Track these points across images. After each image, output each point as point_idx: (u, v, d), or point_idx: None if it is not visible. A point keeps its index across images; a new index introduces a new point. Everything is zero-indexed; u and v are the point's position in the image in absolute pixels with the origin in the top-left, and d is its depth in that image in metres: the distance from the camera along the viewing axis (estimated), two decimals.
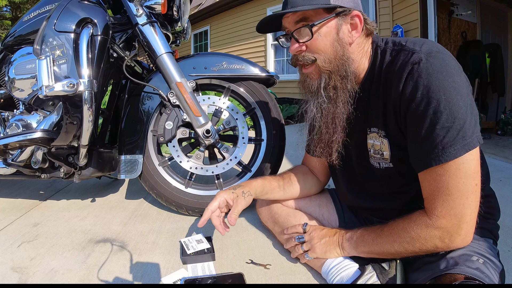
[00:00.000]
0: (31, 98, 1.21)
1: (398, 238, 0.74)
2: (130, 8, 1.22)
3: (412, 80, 0.68)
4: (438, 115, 0.65)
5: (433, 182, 0.69)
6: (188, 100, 1.23)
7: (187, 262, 0.99)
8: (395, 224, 0.77)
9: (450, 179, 0.66)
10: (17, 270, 0.98)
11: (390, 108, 0.76)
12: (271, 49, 6.39)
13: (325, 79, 0.80)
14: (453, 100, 0.65)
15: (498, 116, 4.07)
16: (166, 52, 1.22)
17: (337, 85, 0.79)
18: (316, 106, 0.83)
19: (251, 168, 1.37)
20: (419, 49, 0.70)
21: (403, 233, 0.74)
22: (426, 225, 0.70)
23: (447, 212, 0.67)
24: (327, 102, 0.81)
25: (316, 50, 0.79)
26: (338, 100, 0.80)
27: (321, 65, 0.79)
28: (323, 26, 0.77)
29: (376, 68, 0.80)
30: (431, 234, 0.69)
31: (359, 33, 0.79)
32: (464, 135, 0.65)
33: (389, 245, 0.76)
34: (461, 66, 0.70)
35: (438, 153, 0.66)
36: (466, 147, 0.64)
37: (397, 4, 4.38)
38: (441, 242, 0.69)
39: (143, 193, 1.65)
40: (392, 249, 0.76)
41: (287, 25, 0.82)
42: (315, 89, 0.82)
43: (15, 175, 1.38)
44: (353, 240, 0.85)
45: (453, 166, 0.66)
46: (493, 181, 0.86)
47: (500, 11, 4.53)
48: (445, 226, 0.68)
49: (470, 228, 0.68)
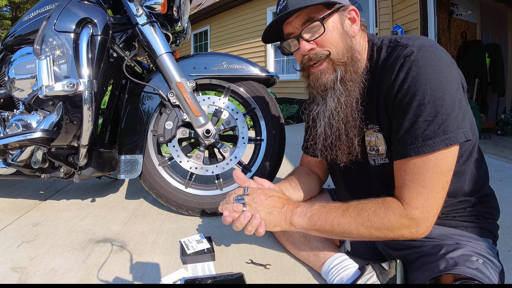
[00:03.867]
0: (31, 98, 1.21)
1: (367, 221, 0.72)
2: (130, 8, 1.22)
3: (402, 72, 0.69)
4: (422, 108, 0.66)
5: (409, 173, 0.70)
6: (188, 100, 1.23)
7: (187, 262, 0.99)
8: (364, 206, 0.74)
9: (427, 172, 0.67)
10: (17, 270, 0.98)
11: (382, 101, 0.76)
12: (271, 49, 6.39)
13: (340, 71, 0.79)
14: (438, 94, 0.65)
15: (498, 116, 4.08)
16: (166, 52, 1.22)
17: (353, 77, 0.79)
18: (335, 101, 0.79)
19: (251, 168, 1.37)
20: (412, 44, 0.71)
21: (374, 218, 0.72)
22: (400, 214, 0.70)
23: (421, 204, 0.68)
24: (345, 95, 0.79)
25: (327, 45, 0.78)
26: (353, 94, 0.79)
27: (335, 58, 0.78)
28: (329, 20, 0.78)
29: (373, 66, 0.80)
30: (403, 223, 0.70)
31: (358, 26, 0.81)
32: (446, 129, 0.65)
33: (354, 227, 0.73)
34: (454, 62, 0.70)
35: (418, 145, 0.67)
36: (446, 141, 0.65)
37: (397, 4, 4.38)
38: (408, 232, 0.70)
39: (143, 193, 1.65)
40: (356, 231, 0.74)
41: (291, 29, 0.82)
42: (331, 83, 0.79)
43: (15, 175, 1.38)
44: (306, 217, 0.79)
45: (432, 160, 0.67)
46: (493, 181, 0.86)
47: (500, 11, 4.54)
48: (417, 217, 0.69)
49: (432, 222, 0.71)
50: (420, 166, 0.68)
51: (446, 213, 0.79)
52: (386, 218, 0.71)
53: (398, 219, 0.70)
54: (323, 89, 0.82)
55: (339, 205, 0.78)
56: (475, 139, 0.78)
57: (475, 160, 0.80)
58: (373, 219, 0.72)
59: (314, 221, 0.78)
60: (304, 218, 0.79)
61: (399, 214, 0.70)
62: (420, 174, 0.68)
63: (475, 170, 0.80)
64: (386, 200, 0.73)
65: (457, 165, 0.77)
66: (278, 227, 0.81)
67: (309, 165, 1.12)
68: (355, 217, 0.74)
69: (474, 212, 0.79)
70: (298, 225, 0.80)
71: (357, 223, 0.73)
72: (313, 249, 0.94)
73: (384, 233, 0.72)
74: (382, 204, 0.73)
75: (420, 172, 0.68)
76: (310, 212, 0.79)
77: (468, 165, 0.78)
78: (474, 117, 0.78)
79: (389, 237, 0.72)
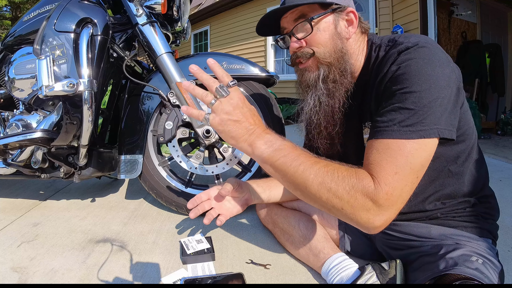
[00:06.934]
0: (31, 98, 1.21)
1: (330, 181, 0.63)
2: (130, 8, 1.22)
3: (395, 64, 0.70)
4: (407, 95, 0.65)
5: (383, 154, 0.64)
6: (188, 100, 1.23)
7: (187, 262, 0.99)
8: (336, 166, 0.66)
9: (401, 158, 0.63)
10: (17, 270, 0.98)
11: (374, 94, 0.77)
12: (271, 49, 6.39)
13: (324, 71, 0.80)
14: (425, 87, 0.65)
15: (498, 116, 4.08)
16: (166, 52, 1.22)
17: (337, 78, 0.80)
18: (314, 99, 0.82)
19: (251, 168, 1.37)
20: (408, 41, 0.71)
21: (340, 181, 0.63)
22: (367, 191, 0.62)
23: (390, 189, 0.61)
24: (326, 95, 0.81)
25: (315, 45, 0.79)
26: (336, 94, 0.81)
27: (320, 57, 0.79)
28: (321, 21, 0.78)
29: (371, 65, 0.80)
30: (364, 202, 0.62)
31: (355, 28, 0.81)
32: (424, 122, 0.64)
33: (316, 183, 0.64)
34: (451, 61, 0.70)
35: (395, 129, 0.64)
36: (421, 133, 0.63)
37: (397, 4, 4.38)
38: (365, 216, 0.62)
39: (143, 193, 1.65)
40: (312, 186, 0.64)
41: (286, 25, 0.83)
42: (313, 81, 0.81)
43: (15, 175, 1.38)
44: (272, 148, 0.68)
45: (407, 147, 0.63)
46: (493, 181, 0.87)
47: (500, 11, 4.53)
48: (381, 203, 0.61)
49: (393, 216, 0.64)
50: (395, 150, 0.64)
51: (445, 213, 0.80)
52: (353, 188, 0.62)
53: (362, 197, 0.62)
54: (305, 85, 0.84)
55: (312, 155, 0.69)
56: (473, 139, 0.78)
57: (475, 161, 0.80)
58: (340, 184, 0.63)
59: (278, 156, 0.67)
60: (269, 148, 0.68)
61: (366, 191, 0.62)
62: (393, 157, 0.63)
63: (475, 171, 0.80)
64: (360, 171, 0.65)
65: (455, 166, 0.77)
66: (233, 140, 0.69)
67: None
68: (323, 173, 0.65)
69: (474, 212, 0.79)
70: (258, 150, 0.68)
71: (321, 179, 0.64)
72: (313, 249, 0.95)
73: (336, 203, 0.63)
74: (355, 174, 0.64)
75: (394, 155, 0.64)
76: (279, 145, 0.68)
77: (467, 166, 0.78)
78: (474, 117, 0.77)
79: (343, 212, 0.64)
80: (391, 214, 0.63)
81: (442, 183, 0.78)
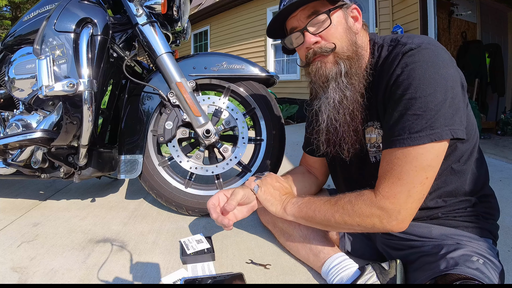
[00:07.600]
0: (31, 98, 1.21)
1: (341, 209, 0.77)
2: (130, 8, 1.22)
3: (399, 67, 0.71)
4: (413, 101, 0.67)
5: (389, 163, 0.71)
6: (188, 100, 1.23)
7: (187, 262, 0.99)
8: (344, 196, 0.79)
9: (405, 164, 0.68)
10: (17, 270, 0.98)
11: (381, 97, 0.77)
12: (271, 49, 6.39)
13: (345, 65, 0.78)
14: (430, 90, 0.66)
15: (498, 116, 4.08)
16: (166, 52, 1.22)
17: (358, 72, 0.79)
18: (339, 93, 0.78)
19: (251, 168, 1.37)
20: (411, 42, 0.72)
21: (348, 205, 0.76)
22: (371, 203, 0.72)
23: (392, 194, 0.70)
24: (350, 89, 0.79)
25: (332, 39, 0.78)
26: (358, 88, 0.79)
27: (340, 51, 0.78)
28: (334, 15, 0.78)
29: (374, 64, 0.81)
30: (372, 212, 0.72)
31: (361, 24, 0.82)
32: (433, 125, 0.66)
33: (331, 214, 0.79)
34: (454, 61, 0.70)
35: (404, 137, 0.68)
36: (431, 137, 0.66)
37: (397, 4, 4.38)
38: (379, 222, 0.72)
39: (143, 193, 1.65)
40: (333, 219, 0.78)
41: (296, 23, 0.82)
42: (334, 74, 0.78)
43: (15, 175, 1.38)
44: (297, 205, 0.87)
45: (412, 153, 0.68)
46: (493, 181, 0.87)
47: (500, 11, 4.53)
48: (387, 208, 0.70)
49: (409, 216, 0.72)
50: (400, 158, 0.69)
51: (446, 213, 0.80)
52: (358, 206, 0.74)
53: (369, 208, 0.73)
54: (324, 80, 0.80)
55: (326, 197, 0.84)
56: (475, 139, 0.78)
57: (476, 160, 0.80)
58: (347, 206, 0.77)
59: (301, 208, 0.86)
60: (295, 206, 0.87)
61: (370, 203, 0.73)
62: (398, 165, 0.69)
63: (476, 170, 0.80)
64: (362, 191, 0.77)
65: (458, 165, 0.77)
66: (273, 207, 0.91)
67: (307, 165, 1.13)
68: (333, 205, 0.79)
69: (474, 212, 0.79)
70: (289, 211, 0.88)
71: (334, 210, 0.78)
72: (313, 249, 0.94)
73: (356, 222, 0.75)
74: (359, 194, 0.77)
75: (398, 163, 0.69)
76: (300, 202, 0.87)
77: (469, 164, 0.78)
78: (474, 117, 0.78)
79: (362, 226, 0.75)
80: (403, 213, 0.70)
81: (444, 180, 0.78)
